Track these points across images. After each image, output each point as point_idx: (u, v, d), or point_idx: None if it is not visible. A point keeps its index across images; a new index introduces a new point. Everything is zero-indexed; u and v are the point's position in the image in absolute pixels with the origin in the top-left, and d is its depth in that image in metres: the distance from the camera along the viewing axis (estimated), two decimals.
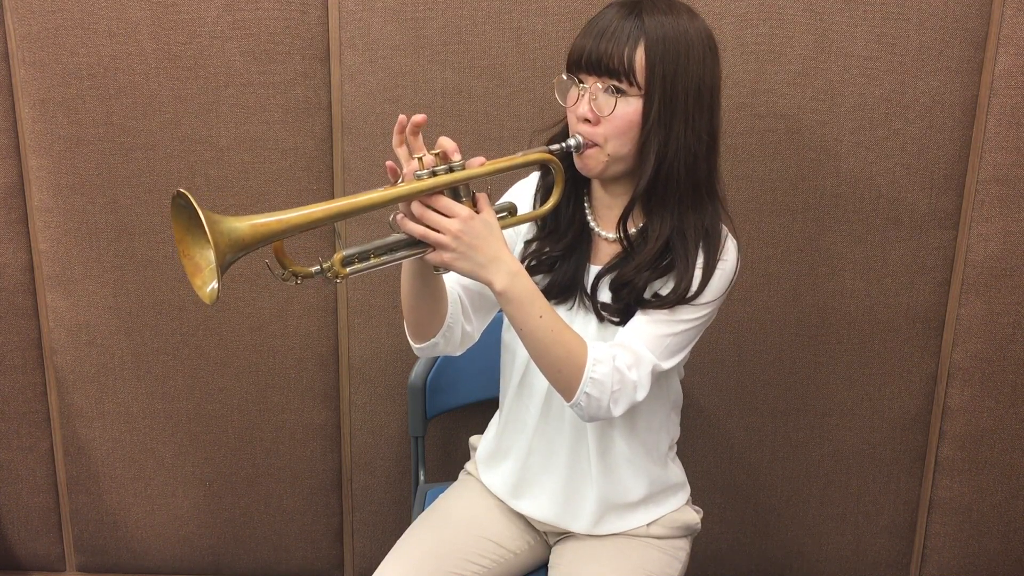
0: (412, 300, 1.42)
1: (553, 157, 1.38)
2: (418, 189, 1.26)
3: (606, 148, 1.38)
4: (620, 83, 1.35)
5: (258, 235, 1.20)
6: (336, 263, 1.29)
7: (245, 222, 1.19)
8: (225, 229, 1.18)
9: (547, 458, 1.56)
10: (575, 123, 1.40)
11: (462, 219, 1.27)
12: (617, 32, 1.34)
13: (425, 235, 1.27)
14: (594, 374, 1.34)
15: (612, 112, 1.35)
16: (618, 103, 1.35)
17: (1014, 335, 2.01)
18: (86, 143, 1.95)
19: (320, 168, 1.97)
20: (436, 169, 1.27)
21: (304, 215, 1.23)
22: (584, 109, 1.37)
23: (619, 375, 1.36)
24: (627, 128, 1.36)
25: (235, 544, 2.22)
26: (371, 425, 2.13)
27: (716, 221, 1.42)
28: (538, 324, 1.33)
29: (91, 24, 1.88)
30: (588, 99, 1.37)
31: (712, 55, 1.39)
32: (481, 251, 1.28)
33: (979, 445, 2.08)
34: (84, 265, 2.03)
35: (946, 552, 2.16)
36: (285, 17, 1.88)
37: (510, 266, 1.30)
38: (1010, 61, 1.85)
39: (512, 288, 1.30)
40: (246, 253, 1.20)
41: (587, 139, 1.38)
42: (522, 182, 1.57)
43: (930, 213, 1.95)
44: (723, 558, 2.20)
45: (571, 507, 1.56)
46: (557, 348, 1.34)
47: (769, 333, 2.03)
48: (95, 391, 2.11)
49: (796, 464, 2.12)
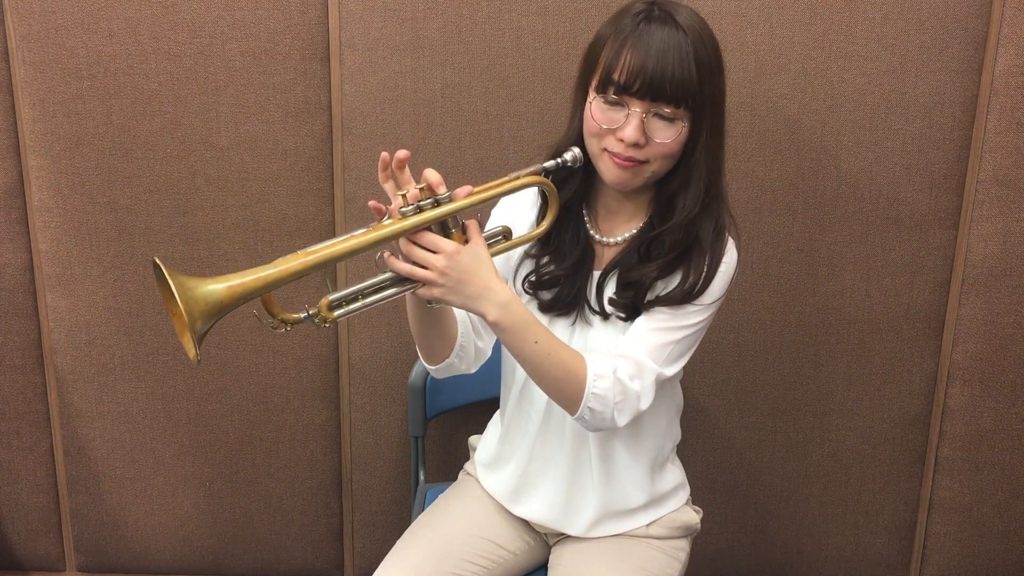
0: (419, 327, 1.41)
1: (545, 180, 1.33)
2: (402, 228, 1.24)
3: (651, 166, 1.36)
4: (677, 109, 1.31)
5: (236, 296, 1.19)
6: (323, 308, 1.29)
7: (222, 284, 1.19)
8: (200, 296, 1.17)
9: (548, 464, 1.56)
10: (612, 143, 1.35)
11: (448, 255, 1.25)
12: (675, 54, 1.29)
13: (412, 273, 1.26)
14: (595, 389, 1.35)
15: (670, 138, 1.33)
16: (672, 128, 1.32)
17: (1014, 335, 2.01)
18: (86, 143, 1.95)
19: (320, 168, 1.97)
20: (422, 204, 1.25)
21: (282, 270, 1.22)
22: (635, 135, 1.32)
23: (621, 386, 1.36)
24: (677, 148, 1.35)
25: (235, 544, 2.22)
26: (371, 425, 2.13)
27: (723, 221, 1.43)
28: (534, 349, 1.32)
29: (91, 24, 1.88)
30: (639, 123, 1.32)
31: (722, 57, 1.38)
32: (470, 284, 1.27)
33: (979, 445, 2.08)
34: (84, 265, 2.03)
35: (946, 552, 2.16)
36: (285, 17, 1.88)
37: (500, 296, 1.29)
38: (1010, 61, 1.85)
39: (504, 318, 1.30)
40: (226, 314, 1.20)
41: (632, 158, 1.34)
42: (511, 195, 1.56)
43: (930, 213, 1.95)
44: (723, 558, 2.20)
45: (570, 512, 1.56)
46: (555, 370, 1.34)
47: (769, 333, 2.03)
48: (95, 391, 2.11)
49: (796, 464, 2.12)
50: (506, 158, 1.93)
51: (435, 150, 1.94)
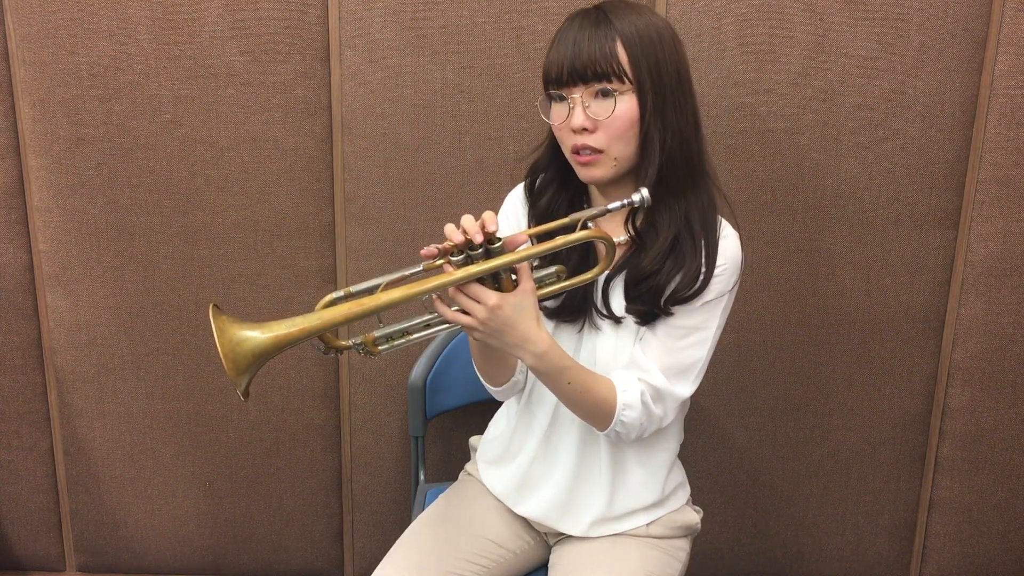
0: (479, 355, 1.48)
1: (605, 235, 1.32)
2: (449, 281, 1.26)
3: (611, 152, 1.37)
4: (611, 83, 1.34)
5: (279, 344, 1.24)
6: (368, 343, 1.34)
7: (268, 333, 1.23)
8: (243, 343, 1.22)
9: (553, 463, 1.56)
10: (569, 137, 1.39)
11: (489, 308, 1.29)
12: (591, 37, 1.34)
13: (455, 319, 1.30)
14: (623, 418, 1.42)
15: (612, 113, 1.35)
16: (609, 101, 1.35)
17: (1014, 335, 2.01)
18: (86, 143, 1.95)
19: (320, 168, 1.97)
20: (473, 255, 1.26)
21: (326, 321, 1.25)
22: (580, 120, 1.36)
23: (647, 413, 1.43)
24: (628, 126, 1.36)
25: (235, 544, 2.22)
26: (371, 425, 2.13)
27: (712, 200, 1.44)
28: (567, 389, 1.39)
29: (91, 24, 1.88)
30: (581, 109, 1.36)
31: (678, 41, 1.40)
32: (509, 334, 1.31)
33: (979, 445, 2.08)
34: (84, 265, 2.03)
35: (946, 552, 2.16)
36: (285, 17, 1.88)
37: (538, 347, 1.33)
38: (1010, 61, 1.85)
39: (540, 365, 1.35)
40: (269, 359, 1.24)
41: (586, 146, 1.37)
42: (507, 203, 1.57)
43: (930, 213, 1.95)
44: (723, 558, 2.20)
45: (573, 511, 1.56)
46: (586, 403, 1.41)
47: (769, 333, 2.03)
48: (95, 391, 2.11)
49: (796, 464, 2.12)
50: (506, 158, 1.93)
51: (435, 150, 1.94)
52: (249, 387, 1.25)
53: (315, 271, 2.03)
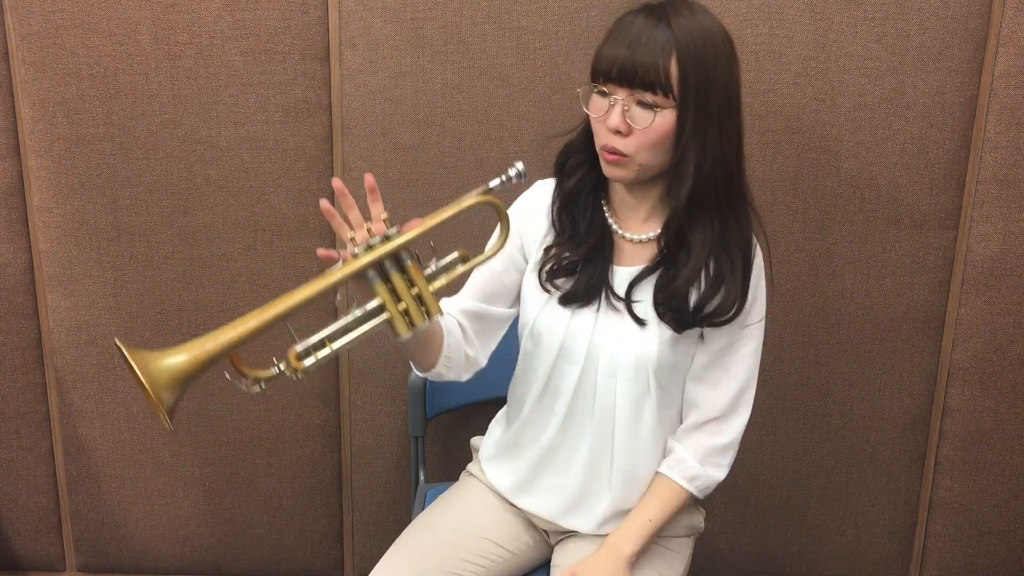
0: (403, 351, 1.44)
1: (492, 199, 1.30)
2: (355, 269, 1.24)
3: (636, 159, 1.37)
4: (655, 95, 1.33)
5: (199, 363, 1.22)
6: (292, 359, 1.28)
7: (183, 355, 1.20)
8: (163, 369, 1.20)
9: (566, 459, 1.55)
10: (603, 134, 1.38)
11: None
12: (649, 42, 1.32)
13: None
14: (694, 490, 1.52)
15: (650, 125, 1.34)
16: (649, 115, 1.34)
17: (1014, 335, 2.01)
18: (86, 143, 1.95)
19: (320, 168, 1.97)
20: (372, 243, 1.25)
21: (240, 331, 1.22)
22: (616, 122, 1.35)
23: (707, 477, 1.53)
24: (660, 140, 1.36)
25: (235, 544, 2.22)
26: (371, 425, 2.13)
27: (750, 226, 1.45)
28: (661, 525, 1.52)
29: (91, 24, 1.88)
30: (620, 110, 1.35)
31: (734, 55, 1.39)
32: None
33: (979, 445, 2.08)
34: (84, 265, 2.03)
35: (946, 552, 2.16)
36: (285, 17, 1.88)
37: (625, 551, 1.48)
38: (1010, 61, 1.85)
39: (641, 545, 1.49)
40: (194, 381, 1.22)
41: (615, 150, 1.37)
42: (527, 195, 1.56)
43: (930, 213, 1.95)
44: (723, 558, 2.20)
45: (582, 508, 1.56)
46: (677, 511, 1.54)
47: (769, 333, 2.02)
48: (95, 391, 2.11)
49: (796, 464, 2.12)
50: (506, 158, 1.93)
51: (435, 150, 1.94)
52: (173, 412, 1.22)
53: (315, 271, 2.00)
